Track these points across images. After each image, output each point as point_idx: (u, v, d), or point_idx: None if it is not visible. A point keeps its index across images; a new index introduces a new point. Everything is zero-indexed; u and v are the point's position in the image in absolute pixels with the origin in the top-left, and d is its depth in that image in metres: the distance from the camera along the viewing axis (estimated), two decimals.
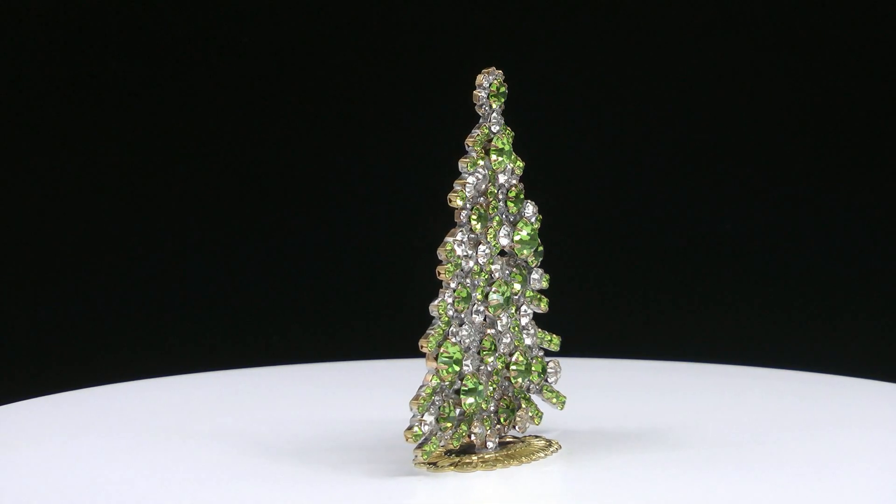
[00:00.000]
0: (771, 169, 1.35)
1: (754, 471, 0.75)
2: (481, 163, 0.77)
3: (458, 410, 0.76)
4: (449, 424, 0.75)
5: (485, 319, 0.78)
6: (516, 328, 0.79)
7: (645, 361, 1.07)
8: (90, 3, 1.34)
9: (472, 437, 0.77)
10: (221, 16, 1.35)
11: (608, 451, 0.78)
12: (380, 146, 1.37)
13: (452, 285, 0.75)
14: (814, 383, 1.00)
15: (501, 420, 0.78)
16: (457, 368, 0.75)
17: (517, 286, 0.79)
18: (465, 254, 0.76)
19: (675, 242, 1.37)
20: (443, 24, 1.36)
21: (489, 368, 0.77)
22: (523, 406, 0.79)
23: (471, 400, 0.76)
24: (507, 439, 0.79)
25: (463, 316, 0.76)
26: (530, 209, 0.80)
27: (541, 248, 0.80)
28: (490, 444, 0.77)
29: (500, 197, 0.78)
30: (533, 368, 0.79)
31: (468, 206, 0.76)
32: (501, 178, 0.78)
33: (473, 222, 0.76)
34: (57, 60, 1.35)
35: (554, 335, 0.82)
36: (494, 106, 0.77)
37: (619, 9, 1.35)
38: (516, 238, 0.79)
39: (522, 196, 0.79)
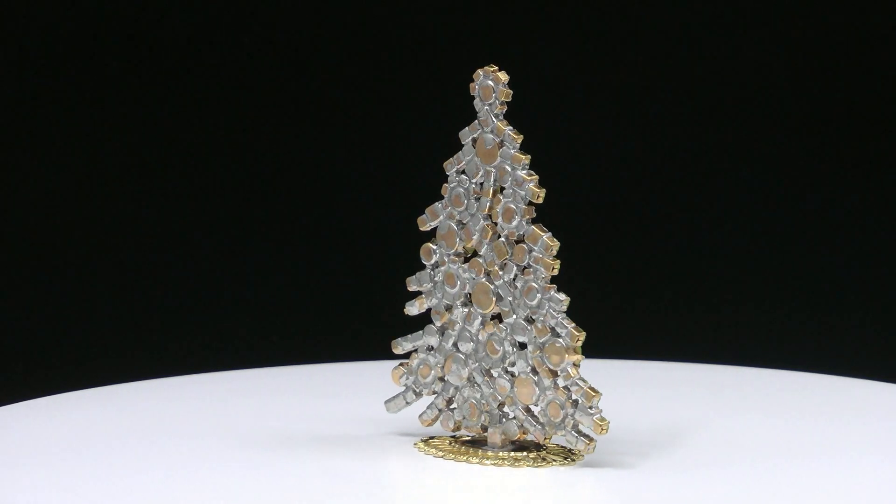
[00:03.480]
0: (771, 169, 1.35)
1: (754, 471, 0.75)
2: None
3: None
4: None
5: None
6: None
7: (645, 361, 1.07)
8: (91, 4, 1.34)
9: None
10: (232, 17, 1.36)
11: (607, 452, 0.78)
12: (379, 145, 1.37)
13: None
14: (814, 383, 1.00)
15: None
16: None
17: None
18: None
19: (675, 243, 1.37)
20: (439, 23, 1.36)
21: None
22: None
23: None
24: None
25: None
26: None
27: None
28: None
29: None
30: None
31: None
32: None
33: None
34: (57, 60, 1.35)
35: None
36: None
37: (618, 9, 1.35)
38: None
39: None
